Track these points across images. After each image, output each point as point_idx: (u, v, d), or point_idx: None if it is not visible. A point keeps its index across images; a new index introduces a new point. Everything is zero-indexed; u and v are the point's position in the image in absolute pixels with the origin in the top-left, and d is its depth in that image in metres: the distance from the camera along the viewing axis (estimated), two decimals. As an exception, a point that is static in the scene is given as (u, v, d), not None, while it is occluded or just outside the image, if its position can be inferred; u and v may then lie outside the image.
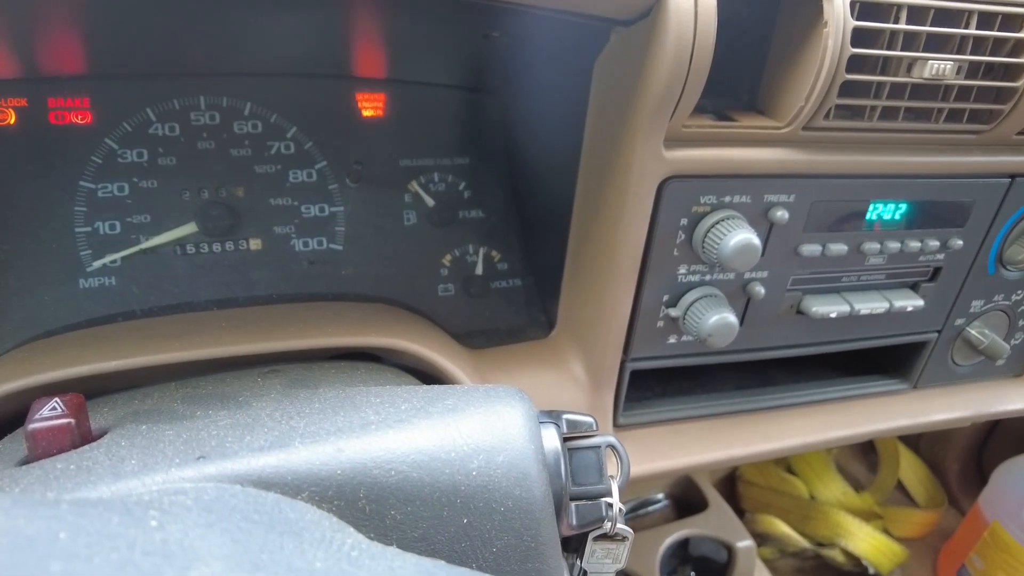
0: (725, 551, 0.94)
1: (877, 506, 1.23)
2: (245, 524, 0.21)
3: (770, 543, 1.18)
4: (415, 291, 0.58)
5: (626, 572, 0.89)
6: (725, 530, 0.94)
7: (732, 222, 0.46)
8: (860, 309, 0.55)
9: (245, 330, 0.44)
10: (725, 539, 0.93)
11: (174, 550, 0.17)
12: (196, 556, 0.17)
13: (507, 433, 0.31)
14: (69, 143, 0.51)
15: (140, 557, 0.16)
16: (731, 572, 0.93)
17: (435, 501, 0.28)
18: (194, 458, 0.27)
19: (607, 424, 0.55)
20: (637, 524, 0.97)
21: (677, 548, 0.94)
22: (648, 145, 0.43)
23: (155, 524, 0.18)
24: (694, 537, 0.94)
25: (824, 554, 1.15)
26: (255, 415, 0.32)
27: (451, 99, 0.59)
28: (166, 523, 0.18)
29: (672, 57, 0.38)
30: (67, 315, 0.50)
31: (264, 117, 0.55)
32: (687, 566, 0.96)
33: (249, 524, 0.21)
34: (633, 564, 0.89)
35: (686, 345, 0.53)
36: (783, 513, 1.19)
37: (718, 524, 0.95)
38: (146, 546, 0.17)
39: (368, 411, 0.31)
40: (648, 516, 1.00)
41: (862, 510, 1.19)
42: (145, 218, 0.52)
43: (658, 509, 1.01)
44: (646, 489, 1.01)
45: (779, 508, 1.21)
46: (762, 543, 1.17)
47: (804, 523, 1.18)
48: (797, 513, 1.19)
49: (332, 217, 0.56)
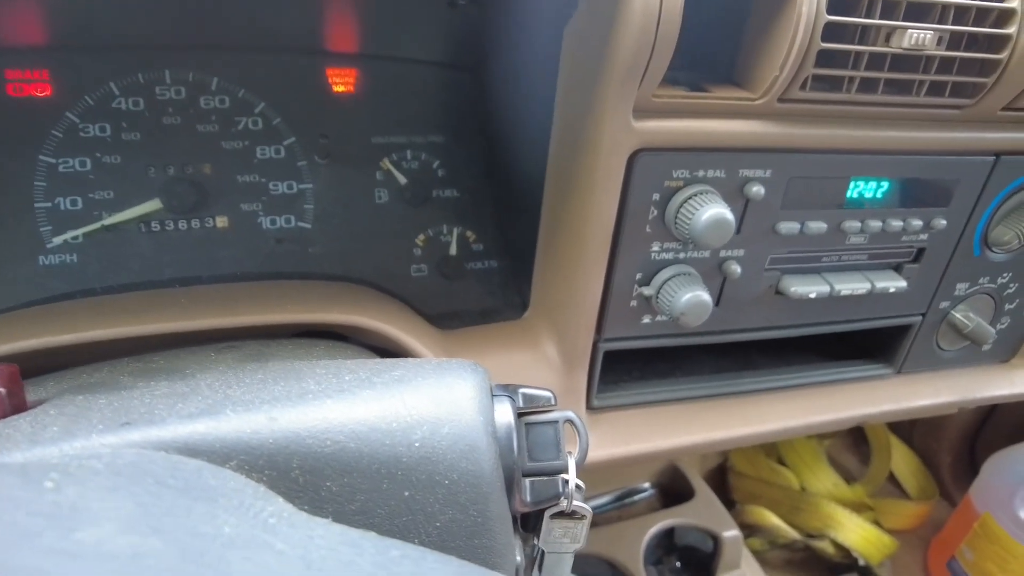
0: (711, 541, 0.93)
1: (868, 498, 1.22)
2: (155, 488, 0.20)
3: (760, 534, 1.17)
4: (387, 271, 0.57)
5: (611, 562, 0.88)
6: (711, 520, 0.93)
7: (705, 197, 0.45)
8: (841, 290, 0.54)
9: (202, 306, 0.43)
10: (711, 529, 0.92)
11: (64, 512, 0.16)
12: (87, 518, 0.16)
13: (455, 404, 0.30)
14: (28, 116, 0.50)
15: (23, 517, 0.15)
16: (717, 562, 0.92)
17: (374, 473, 0.27)
18: (119, 424, 0.25)
19: (580, 406, 0.53)
20: (623, 513, 0.97)
21: (662, 538, 0.93)
22: (617, 115, 0.41)
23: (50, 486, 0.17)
24: (680, 527, 0.93)
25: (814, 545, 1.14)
26: (194, 385, 0.31)
27: (425, 75, 0.57)
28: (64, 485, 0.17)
29: (639, 22, 0.37)
30: (26, 292, 0.49)
31: (231, 92, 0.54)
32: (672, 556, 0.95)
33: (160, 488, 0.20)
34: (617, 553, 0.88)
35: (661, 325, 0.52)
36: (773, 504, 1.19)
37: (704, 514, 0.94)
38: (33, 507, 0.16)
39: (309, 381, 0.30)
40: (634, 505, 0.99)
41: (853, 502, 1.19)
42: (108, 194, 0.51)
43: (644, 498, 1.00)
44: (632, 478, 1.00)
45: (769, 499, 1.20)
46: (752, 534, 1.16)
47: (794, 514, 1.17)
48: (787, 504, 1.18)
49: (301, 194, 0.55)
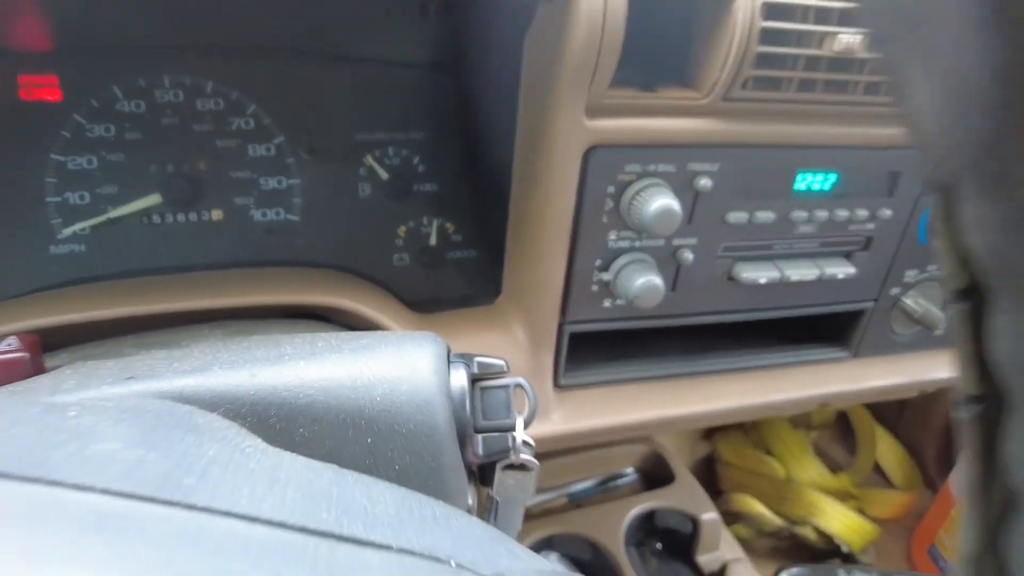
0: (690, 523, 0.97)
1: (853, 487, 1.25)
2: (153, 421, 0.24)
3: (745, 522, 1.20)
4: (370, 260, 0.61)
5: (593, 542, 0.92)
6: (691, 503, 0.97)
7: (654, 189, 0.49)
8: (791, 275, 0.58)
9: (197, 289, 0.47)
10: (690, 512, 0.96)
11: (83, 431, 0.20)
12: (101, 437, 0.20)
13: (413, 366, 0.34)
14: (40, 118, 0.54)
15: (51, 433, 0.19)
16: (696, 544, 0.96)
17: (340, 422, 0.31)
18: (124, 378, 0.30)
19: (548, 383, 0.58)
20: (605, 497, 1.00)
21: (643, 520, 0.97)
22: (571, 115, 0.46)
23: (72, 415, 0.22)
24: (660, 509, 0.97)
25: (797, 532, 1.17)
26: (188, 351, 0.35)
27: (406, 76, 0.62)
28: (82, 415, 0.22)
29: (585, 30, 0.41)
30: (40, 279, 0.54)
31: (225, 94, 0.58)
32: (653, 538, 0.98)
33: (157, 422, 0.24)
34: (599, 534, 0.91)
35: (620, 309, 0.56)
36: (759, 493, 1.22)
37: (684, 497, 0.98)
38: (59, 426, 0.20)
39: (287, 347, 0.35)
40: (617, 490, 1.03)
41: (838, 491, 1.22)
42: (113, 189, 0.56)
43: (627, 483, 1.04)
44: (616, 464, 1.04)
45: (756, 489, 1.23)
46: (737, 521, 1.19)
47: (780, 503, 1.20)
48: (773, 494, 1.21)
49: (289, 189, 0.60)
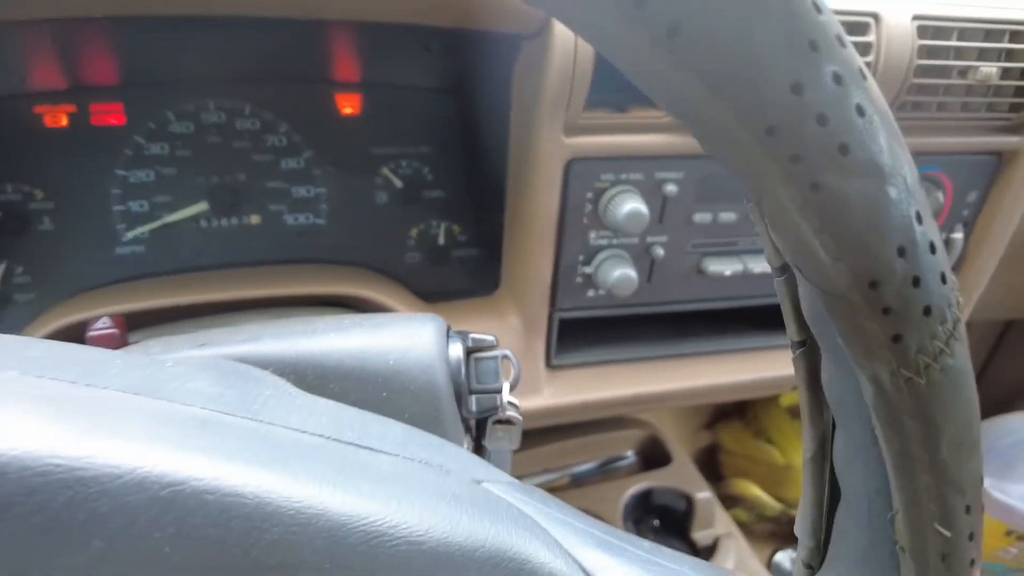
0: (685, 501, 1.04)
1: None
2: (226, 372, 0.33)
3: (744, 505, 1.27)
4: (386, 258, 0.70)
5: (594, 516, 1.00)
6: (686, 483, 1.04)
7: (625, 195, 0.58)
8: (754, 268, 0.66)
9: (239, 282, 0.57)
10: (685, 490, 1.03)
11: (180, 374, 0.29)
12: (193, 378, 0.29)
13: (419, 338, 0.43)
14: (107, 140, 0.64)
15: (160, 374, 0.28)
16: (691, 521, 1.03)
17: (362, 379, 0.40)
18: (197, 345, 0.39)
19: (540, 363, 0.67)
20: (605, 477, 1.08)
21: (641, 499, 1.04)
22: (551, 134, 0.54)
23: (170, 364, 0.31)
24: (656, 489, 1.04)
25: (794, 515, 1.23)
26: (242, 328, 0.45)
27: (415, 98, 0.71)
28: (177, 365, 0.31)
29: (559, 65, 0.50)
30: (107, 275, 0.63)
31: (261, 116, 0.67)
32: (651, 516, 1.06)
33: (228, 372, 0.33)
34: (599, 510, 0.99)
35: (602, 298, 0.65)
36: (758, 479, 1.28)
37: (680, 477, 1.05)
38: (163, 371, 0.29)
39: (319, 324, 0.44)
40: (617, 471, 1.11)
41: None
42: (167, 198, 0.65)
43: (626, 465, 1.12)
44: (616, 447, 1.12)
45: (755, 474, 1.29)
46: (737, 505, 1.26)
47: (778, 487, 1.26)
48: (771, 478, 1.27)
49: (316, 197, 0.69)
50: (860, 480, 0.21)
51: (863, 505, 0.21)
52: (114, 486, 0.16)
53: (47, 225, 0.63)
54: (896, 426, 0.17)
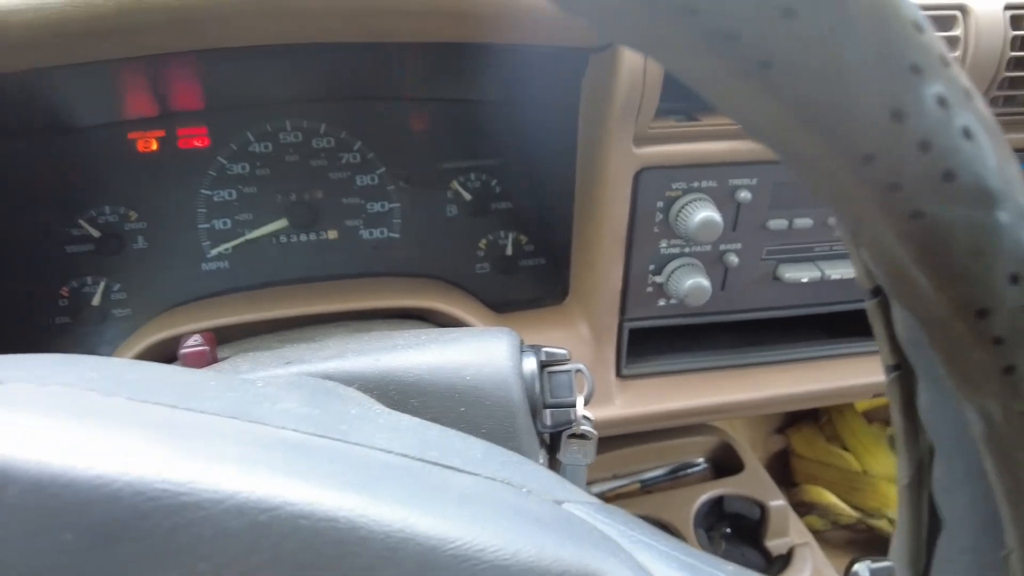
0: (758, 509, 1.01)
1: None
2: (313, 391, 0.35)
3: (818, 512, 1.23)
4: (456, 269, 0.72)
5: (664, 524, 0.99)
6: (759, 491, 1.02)
7: (698, 203, 0.57)
8: (831, 274, 0.64)
9: (320, 296, 0.59)
10: (758, 498, 1.01)
11: (270, 395, 0.30)
12: (282, 399, 0.30)
13: (494, 353, 0.44)
14: (192, 162, 0.67)
15: (251, 395, 0.30)
16: (765, 529, 1.01)
17: (440, 394, 0.41)
18: (284, 363, 0.41)
19: (611, 374, 0.66)
20: (676, 483, 1.07)
21: (712, 506, 1.02)
22: (621, 145, 0.54)
23: (260, 385, 0.32)
24: (728, 496, 1.02)
25: (872, 524, 1.19)
26: (324, 344, 0.46)
27: (482, 112, 0.72)
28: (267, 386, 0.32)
29: (628, 77, 0.50)
30: (194, 290, 0.67)
31: (336, 135, 0.70)
32: (723, 523, 1.04)
33: (315, 391, 0.35)
34: (669, 517, 0.98)
35: (674, 307, 0.64)
36: (831, 485, 1.24)
37: (753, 485, 1.03)
38: (254, 392, 0.30)
39: (398, 339, 0.45)
40: (687, 477, 1.09)
41: None
42: (249, 216, 0.68)
43: (697, 472, 1.10)
44: (686, 455, 1.11)
45: (827, 480, 1.25)
46: (810, 512, 1.22)
47: (852, 494, 1.22)
48: (844, 484, 1.22)
49: (390, 212, 0.71)
50: (965, 511, 0.20)
51: (969, 538, 0.20)
52: (215, 511, 0.17)
53: (140, 244, 0.67)
54: (1009, 462, 0.17)
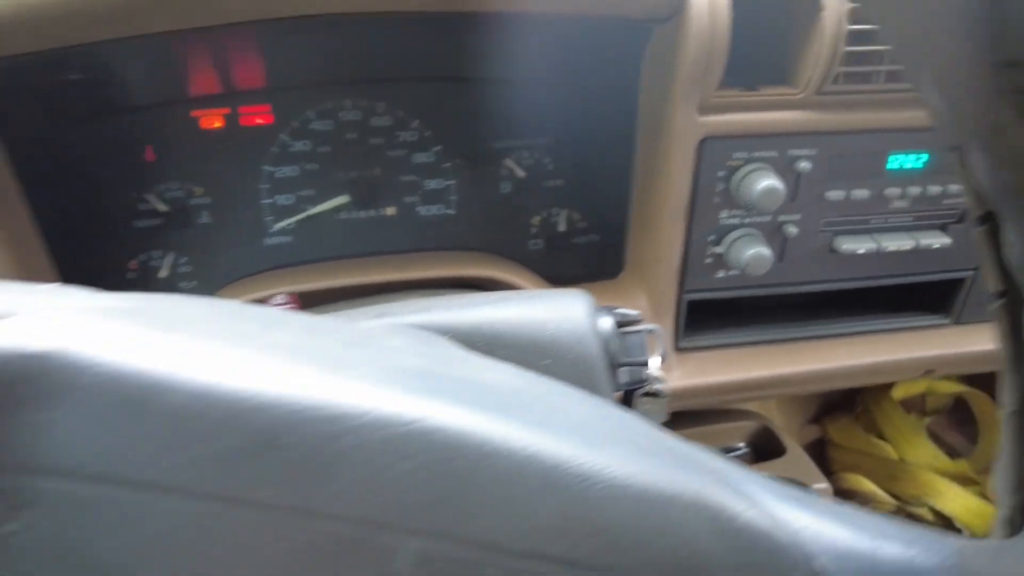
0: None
1: (975, 473, 1.20)
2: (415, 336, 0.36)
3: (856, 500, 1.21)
4: (511, 245, 0.73)
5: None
6: (801, 474, 1.02)
7: (760, 172, 0.58)
8: (887, 246, 0.64)
9: (381, 267, 0.60)
10: (802, 481, 1.00)
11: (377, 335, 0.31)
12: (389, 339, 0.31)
13: (572, 310, 0.45)
14: (256, 139, 0.69)
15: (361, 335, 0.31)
16: (807, 513, 1.00)
17: (524, 347, 0.42)
18: (376, 315, 0.42)
19: (669, 346, 0.67)
20: (719, 467, 1.07)
21: (755, 489, 1.02)
22: (686, 113, 0.55)
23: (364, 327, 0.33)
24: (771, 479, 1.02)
25: (912, 512, 1.17)
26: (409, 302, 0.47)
27: (535, 90, 0.73)
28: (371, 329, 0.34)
29: (695, 46, 0.51)
30: (257, 264, 0.68)
31: (394, 113, 0.71)
32: (766, 506, 1.03)
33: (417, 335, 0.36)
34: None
35: (732, 279, 0.65)
36: (869, 473, 1.22)
37: (794, 469, 1.03)
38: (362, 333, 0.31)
39: (479, 298, 0.46)
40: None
41: (957, 475, 1.19)
42: (310, 192, 0.70)
43: (739, 456, 1.10)
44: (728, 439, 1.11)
45: (865, 469, 1.23)
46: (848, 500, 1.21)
47: (890, 482, 1.20)
48: (883, 473, 1.21)
49: (447, 189, 0.72)
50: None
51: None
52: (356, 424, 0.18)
53: (205, 219, 0.68)
54: None
